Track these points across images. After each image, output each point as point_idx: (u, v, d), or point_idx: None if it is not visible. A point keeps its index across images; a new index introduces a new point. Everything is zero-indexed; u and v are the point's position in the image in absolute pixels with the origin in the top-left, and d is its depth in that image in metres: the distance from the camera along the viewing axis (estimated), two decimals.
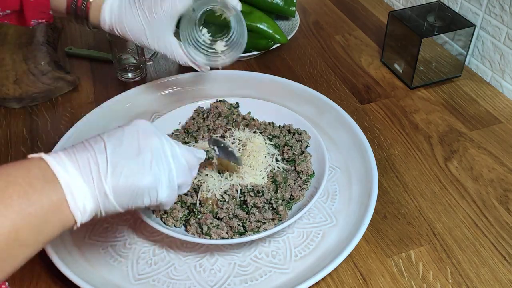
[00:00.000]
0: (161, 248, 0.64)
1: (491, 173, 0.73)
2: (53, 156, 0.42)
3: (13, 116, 0.86)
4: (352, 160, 0.73)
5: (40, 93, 0.87)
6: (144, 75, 0.94)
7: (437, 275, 0.61)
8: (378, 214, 0.68)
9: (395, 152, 0.78)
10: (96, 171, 0.43)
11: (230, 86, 0.86)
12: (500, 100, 0.87)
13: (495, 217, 0.68)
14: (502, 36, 0.86)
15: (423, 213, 0.68)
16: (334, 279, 0.61)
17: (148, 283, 0.60)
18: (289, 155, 0.70)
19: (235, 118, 0.76)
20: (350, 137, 0.75)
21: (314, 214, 0.67)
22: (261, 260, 0.62)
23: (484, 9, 0.88)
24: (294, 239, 0.64)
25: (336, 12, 1.13)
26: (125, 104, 0.83)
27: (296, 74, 0.94)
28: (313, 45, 1.02)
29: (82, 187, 0.42)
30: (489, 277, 0.61)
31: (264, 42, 0.93)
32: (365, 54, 0.99)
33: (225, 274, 0.61)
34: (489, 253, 0.63)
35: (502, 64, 0.87)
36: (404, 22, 0.88)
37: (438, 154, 0.77)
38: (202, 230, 0.61)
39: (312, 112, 0.81)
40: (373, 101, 0.87)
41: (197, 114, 0.77)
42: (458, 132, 0.81)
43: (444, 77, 0.91)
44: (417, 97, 0.88)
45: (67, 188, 0.41)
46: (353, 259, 0.63)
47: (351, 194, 0.69)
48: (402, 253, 0.63)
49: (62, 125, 0.83)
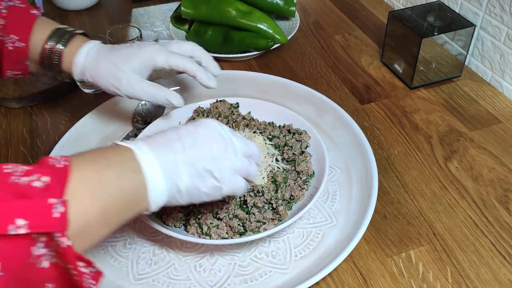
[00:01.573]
0: (161, 248, 0.64)
1: (491, 173, 0.73)
2: (139, 147, 0.47)
3: (13, 116, 0.86)
4: (352, 160, 0.73)
5: (40, 93, 0.87)
6: None
7: (437, 275, 0.61)
8: (378, 214, 0.68)
9: (395, 152, 0.78)
10: (175, 170, 0.48)
11: (230, 86, 0.86)
12: (500, 100, 0.87)
13: (495, 217, 0.68)
14: (502, 36, 0.86)
15: (423, 213, 0.68)
16: (334, 279, 0.61)
17: (148, 283, 0.60)
18: (289, 155, 0.70)
19: (235, 118, 0.76)
20: (350, 137, 0.75)
21: (314, 214, 0.67)
22: (261, 260, 0.62)
23: (484, 9, 0.88)
24: (294, 239, 0.64)
25: (336, 12, 1.13)
26: (125, 104, 0.83)
27: (296, 74, 0.94)
28: (313, 45, 1.02)
29: (161, 183, 0.47)
30: (489, 277, 0.61)
31: (264, 42, 0.93)
32: (365, 54, 0.99)
33: (225, 274, 0.61)
34: (489, 253, 0.63)
35: (502, 64, 0.87)
36: (404, 22, 0.88)
37: (438, 154, 0.77)
38: (202, 230, 0.61)
39: (312, 112, 0.81)
40: (373, 101, 0.87)
41: (197, 114, 0.77)
42: (458, 132, 0.81)
43: (444, 77, 0.91)
44: (417, 97, 0.88)
45: (150, 181, 0.46)
46: (353, 259, 0.63)
47: (351, 194, 0.69)
48: (402, 253, 0.63)
49: (62, 125, 0.83)
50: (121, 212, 0.45)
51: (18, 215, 0.35)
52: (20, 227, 0.35)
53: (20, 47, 0.64)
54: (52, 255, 0.38)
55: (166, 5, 1.17)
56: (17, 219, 0.35)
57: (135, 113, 0.82)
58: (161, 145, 0.49)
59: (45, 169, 0.39)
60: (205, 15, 0.96)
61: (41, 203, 0.36)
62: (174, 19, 1.01)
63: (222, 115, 0.76)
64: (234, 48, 0.95)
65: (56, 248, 0.37)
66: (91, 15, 1.15)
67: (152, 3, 1.18)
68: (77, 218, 0.39)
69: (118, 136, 0.79)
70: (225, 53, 0.95)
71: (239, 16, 0.94)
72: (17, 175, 0.37)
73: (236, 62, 0.97)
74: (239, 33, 0.94)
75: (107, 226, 0.44)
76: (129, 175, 0.45)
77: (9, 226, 0.34)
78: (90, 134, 0.78)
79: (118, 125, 0.81)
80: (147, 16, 1.13)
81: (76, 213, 0.39)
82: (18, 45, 0.64)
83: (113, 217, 0.44)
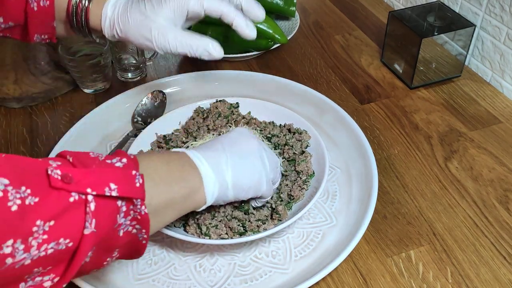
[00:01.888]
0: (161, 248, 0.64)
1: (491, 173, 0.73)
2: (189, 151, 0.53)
3: (13, 116, 0.86)
4: (352, 160, 0.73)
5: (40, 93, 0.87)
6: (144, 75, 0.94)
7: (437, 275, 0.61)
8: (378, 214, 0.68)
9: (395, 152, 0.78)
10: (222, 167, 0.53)
11: (230, 86, 0.86)
12: (500, 100, 0.87)
13: (495, 217, 0.68)
14: (502, 36, 0.86)
15: (423, 213, 0.68)
16: (334, 279, 0.61)
17: (148, 283, 0.60)
18: (289, 154, 0.70)
19: (235, 118, 0.76)
20: (350, 137, 0.75)
21: (314, 214, 0.67)
22: (261, 260, 0.62)
23: (484, 9, 0.88)
24: (294, 239, 0.64)
25: (336, 12, 1.13)
26: (125, 104, 0.83)
27: (296, 74, 0.94)
28: (313, 45, 1.02)
29: (212, 178, 0.52)
30: (489, 277, 0.61)
31: (264, 42, 0.93)
32: (365, 54, 0.99)
33: (225, 274, 0.61)
34: (489, 253, 0.63)
35: (502, 64, 0.87)
36: (404, 22, 0.88)
37: (438, 154, 0.77)
38: (201, 231, 0.61)
39: (312, 112, 0.81)
40: (373, 101, 0.87)
41: (197, 114, 0.77)
42: (458, 132, 0.81)
43: (444, 77, 0.91)
44: (417, 97, 0.88)
45: (205, 176, 0.51)
46: (353, 259, 0.63)
47: (351, 194, 0.69)
48: (402, 253, 0.63)
49: (62, 125, 0.83)
50: (184, 200, 0.50)
51: (111, 180, 0.40)
52: (113, 190, 0.40)
53: (45, 6, 0.62)
54: (128, 224, 0.43)
55: None
56: (111, 183, 0.40)
57: (135, 113, 0.82)
58: (204, 147, 0.55)
59: (122, 155, 0.45)
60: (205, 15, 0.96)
61: (127, 172, 0.42)
62: None
63: (222, 115, 0.76)
64: (234, 48, 0.94)
65: (135, 215, 0.43)
66: None
67: None
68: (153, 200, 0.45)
69: (118, 136, 0.79)
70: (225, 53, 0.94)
71: None
72: (101, 159, 0.44)
73: (236, 62, 0.97)
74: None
75: (171, 212, 0.49)
76: (188, 168, 0.51)
77: (105, 188, 0.40)
78: (90, 134, 0.78)
79: (118, 125, 0.81)
80: None
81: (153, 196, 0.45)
82: (43, 5, 0.61)
83: (177, 203, 0.49)
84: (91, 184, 0.39)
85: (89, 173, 0.40)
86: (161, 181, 0.47)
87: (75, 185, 0.39)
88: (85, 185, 0.39)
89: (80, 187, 0.39)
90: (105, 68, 0.88)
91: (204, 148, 0.55)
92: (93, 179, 0.40)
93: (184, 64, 0.98)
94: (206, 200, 0.52)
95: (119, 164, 0.44)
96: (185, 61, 0.98)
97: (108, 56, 0.88)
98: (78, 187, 0.39)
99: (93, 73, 0.87)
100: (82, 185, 0.39)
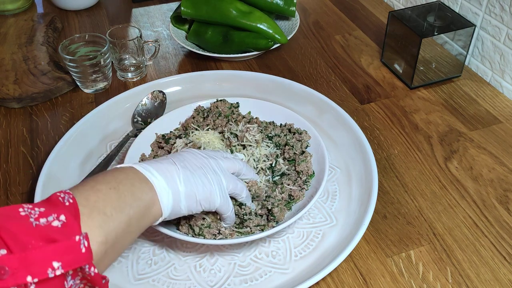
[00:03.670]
0: (161, 248, 0.64)
1: (491, 173, 0.73)
2: (136, 164, 0.52)
3: (13, 116, 0.86)
4: (352, 160, 0.73)
5: (40, 93, 0.87)
6: (144, 75, 0.94)
7: (437, 275, 0.61)
8: (378, 214, 0.68)
9: (395, 152, 0.78)
10: (174, 177, 0.53)
11: (230, 86, 0.86)
12: (500, 100, 0.87)
13: (495, 217, 0.68)
14: (502, 36, 0.86)
15: (423, 213, 0.68)
16: (334, 279, 0.61)
17: (148, 283, 0.60)
18: (290, 154, 0.70)
19: (235, 117, 0.76)
20: (350, 137, 0.75)
21: (314, 214, 0.67)
22: (261, 260, 0.62)
23: (484, 9, 0.88)
24: (294, 239, 0.64)
25: (336, 12, 1.13)
26: (125, 104, 0.83)
27: (296, 74, 0.94)
28: (313, 45, 1.02)
29: (165, 187, 0.51)
30: (489, 277, 0.61)
31: (264, 42, 0.93)
32: (365, 54, 0.99)
33: (225, 274, 0.61)
34: (489, 253, 0.63)
35: (502, 64, 0.87)
36: (404, 22, 0.88)
37: (438, 154, 0.77)
38: (194, 232, 0.61)
39: (312, 112, 0.81)
40: (373, 101, 0.87)
41: (197, 113, 0.77)
42: (458, 132, 0.81)
43: (444, 77, 0.91)
44: (417, 97, 0.88)
45: (157, 186, 0.51)
46: (353, 259, 0.63)
47: (351, 194, 0.69)
48: (402, 253, 0.63)
49: (62, 125, 0.83)
50: (140, 219, 0.49)
51: (53, 258, 0.38)
52: (56, 269, 0.38)
53: None
54: (77, 283, 0.41)
55: (166, 5, 1.17)
56: (53, 262, 0.38)
57: (135, 113, 0.82)
58: (153, 161, 0.54)
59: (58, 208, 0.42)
60: (205, 15, 0.96)
61: (69, 243, 0.40)
62: (174, 19, 1.01)
63: (223, 115, 0.76)
64: (234, 48, 0.94)
65: (84, 276, 0.41)
66: (91, 15, 1.15)
67: (152, 3, 1.19)
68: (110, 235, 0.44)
69: (118, 136, 0.79)
70: (225, 53, 0.95)
71: (239, 16, 0.94)
72: (34, 217, 0.40)
73: (236, 62, 0.97)
74: (239, 33, 0.94)
75: (130, 235, 0.48)
76: (139, 185, 0.50)
77: (48, 270, 0.38)
78: (90, 134, 0.78)
79: (118, 125, 0.81)
80: (147, 16, 1.13)
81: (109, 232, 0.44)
82: None
83: (135, 225, 0.48)
84: (31, 272, 0.37)
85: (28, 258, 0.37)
86: (113, 211, 0.46)
87: (12, 277, 0.36)
88: (24, 275, 0.37)
89: (19, 278, 0.36)
90: (105, 68, 0.88)
91: (153, 161, 0.54)
92: (32, 265, 0.37)
93: (184, 64, 0.98)
94: (162, 212, 0.51)
95: (56, 224, 0.40)
96: (185, 61, 0.98)
97: (108, 56, 0.88)
98: (16, 280, 0.36)
99: (93, 73, 0.87)
100: (21, 276, 0.36)
